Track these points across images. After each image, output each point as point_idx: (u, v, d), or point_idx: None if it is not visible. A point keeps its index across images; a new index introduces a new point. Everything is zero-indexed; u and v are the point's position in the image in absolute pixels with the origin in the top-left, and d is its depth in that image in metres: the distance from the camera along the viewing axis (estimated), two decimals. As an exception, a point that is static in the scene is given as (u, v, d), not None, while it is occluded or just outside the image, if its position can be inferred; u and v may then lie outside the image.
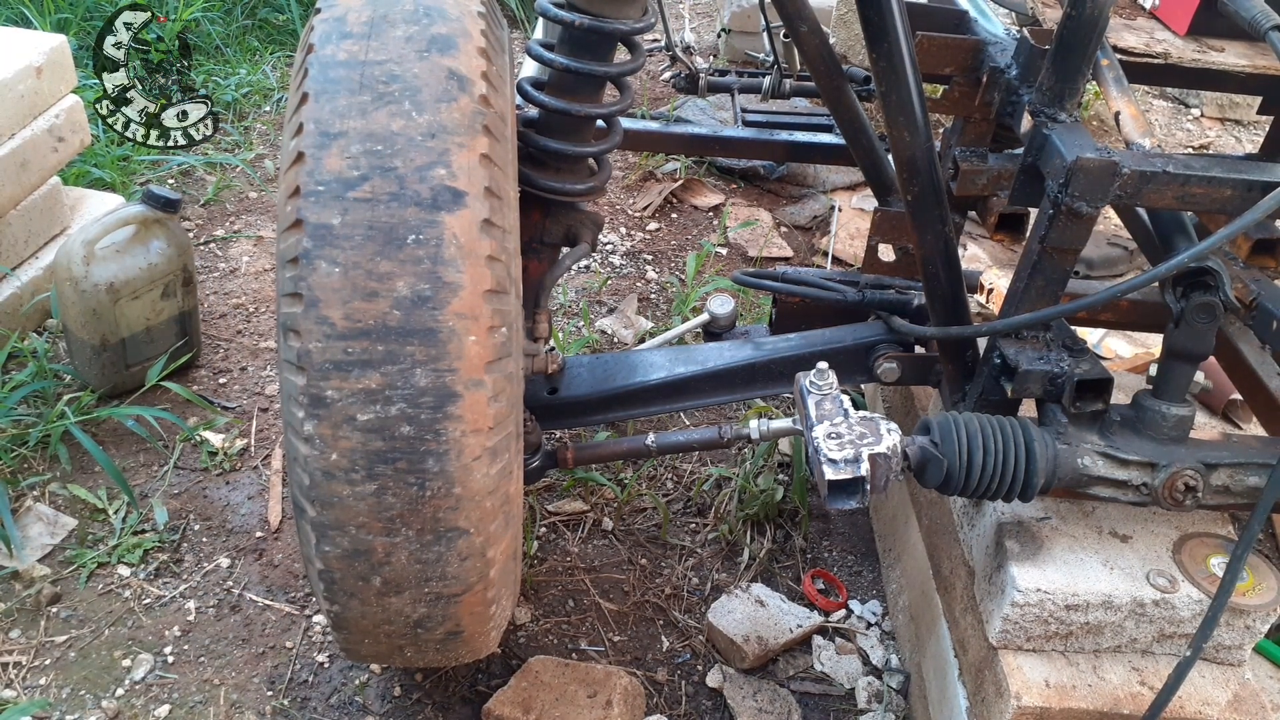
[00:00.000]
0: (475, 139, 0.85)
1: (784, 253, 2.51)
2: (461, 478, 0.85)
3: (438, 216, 0.82)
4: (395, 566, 0.87)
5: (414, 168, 0.83)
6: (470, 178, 0.84)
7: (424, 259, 0.82)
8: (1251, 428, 1.57)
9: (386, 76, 0.84)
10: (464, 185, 0.84)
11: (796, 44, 1.32)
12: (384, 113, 0.83)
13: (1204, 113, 3.50)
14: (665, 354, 1.45)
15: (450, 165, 0.84)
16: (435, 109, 0.84)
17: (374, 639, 0.94)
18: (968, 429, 1.11)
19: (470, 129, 0.85)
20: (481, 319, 0.84)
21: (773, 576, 1.65)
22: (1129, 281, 1.02)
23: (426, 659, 0.98)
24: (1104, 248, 2.36)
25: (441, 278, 0.82)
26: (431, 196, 0.83)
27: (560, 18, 1.11)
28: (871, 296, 1.44)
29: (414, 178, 0.83)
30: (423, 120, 0.84)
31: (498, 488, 0.89)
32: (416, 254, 0.81)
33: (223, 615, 1.51)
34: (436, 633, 0.93)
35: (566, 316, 2.23)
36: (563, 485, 1.78)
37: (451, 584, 0.89)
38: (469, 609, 0.92)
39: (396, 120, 0.83)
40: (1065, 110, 1.12)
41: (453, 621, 0.92)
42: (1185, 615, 1.17)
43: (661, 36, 2.02)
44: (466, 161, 0.85)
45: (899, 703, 1.46)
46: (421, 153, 0.83)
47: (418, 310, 0.82)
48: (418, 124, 0.84)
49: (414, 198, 0.82)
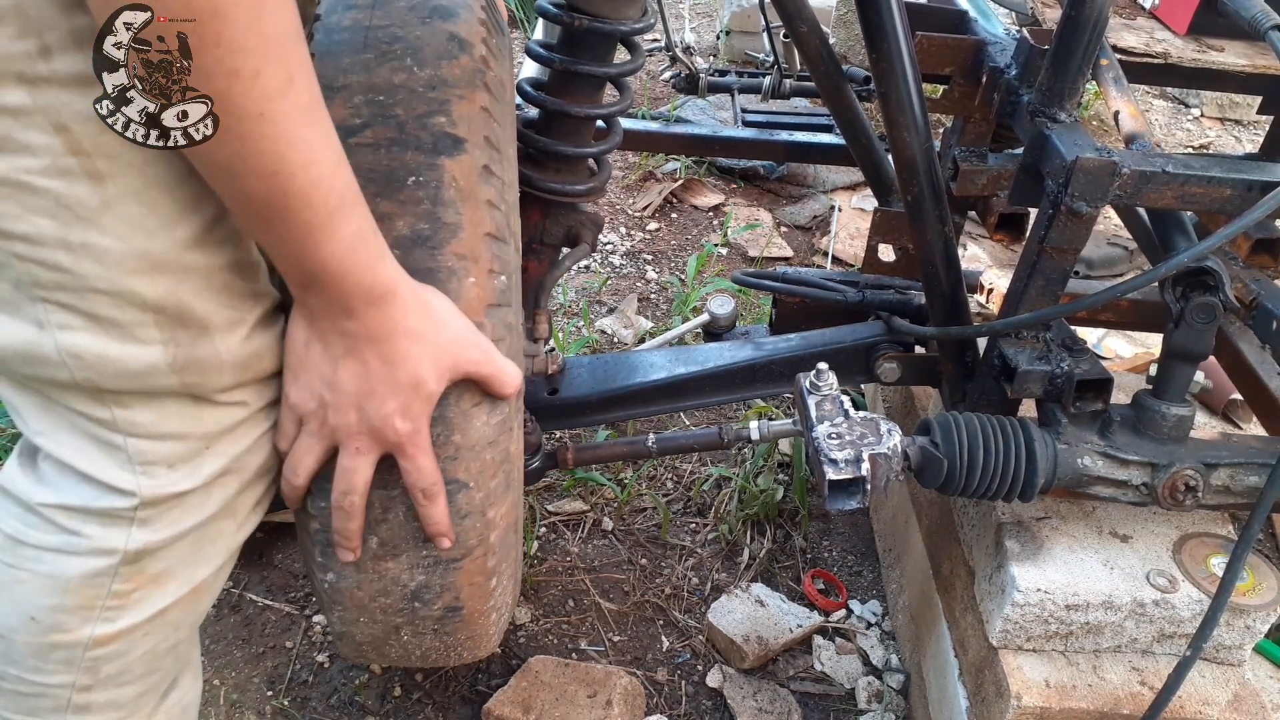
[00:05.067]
0: (475, 92, 0.87)
1: (784, 253, 2.51)
2: (460, 425, 0.84)
3: (437, 160, 0.84)
4: (392, 524, 0.86)
5: (414, 115, 0.84)
6: (470, 126, 0.86)
7: (423, 199, 0.83)
8: (1251, 428, 1.57)
9: (389, 38, 0.86)
10: (464, 133, 0.85)
11: (796, 44, 1.32)
12: (386, 68, 0.85)
13: (1204, 113, 3.50)
14: (665, 354, 1.45)
15: (450, 114, 0.85)
16: (436, 64, 0.86)
17: (369, 616, 0.91)
18: (968, 429, 1.11)
19: (470, 84, 0.87)
20: (481, 261, 0.84)
21: (773, 576, 1.65)
22: (1129, 281, 1.02)
23: (424, 645, 0.96)
24: (1104, 248, 2.36)
25: (441, 218, 0.83)
26: (432, 141, 0.84)
27: (560, 18, 1.11)
28: (871, 296, 1.44)
29: (414, 125, 0.84)
30: (424, 74, 0.86)
31: (498, 440, 0.88)
32: (416, 195, 0.83)
33: (223, 615, 1.51)
34: (435, 606, 0.91)
35: (566, 316, 2.23)
36: (563, 485, 1.78)
37: (450, 546, 0.88)
38: (469, 578, 0.90)
39: (399, 74, 0.85)
40: (1065, 110, 1.12)
41: (451, 594, 0.91)
42: (1185, 615, 1.17)
43: (661, 36, 2.02)
44: (466, 111, 0.86)
45: (899, 703, 1.46)
46: (422, 102, 0.85)
47: (417, 249, 0.82)
48: (419, 77, 0.85)
49: (414, 142, 0.84)
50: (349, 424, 0.77)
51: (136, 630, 0.78)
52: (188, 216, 0.70)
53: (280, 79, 0.63)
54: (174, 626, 0.81)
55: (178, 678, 0.88)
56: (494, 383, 0.82)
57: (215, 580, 0.83)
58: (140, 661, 0.80)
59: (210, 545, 0.80)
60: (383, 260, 0.74)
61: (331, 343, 0.76)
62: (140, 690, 0.82)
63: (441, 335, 0.78)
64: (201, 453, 0.76)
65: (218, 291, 0.73)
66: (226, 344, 0.74)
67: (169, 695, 0.87)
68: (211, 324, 0.73)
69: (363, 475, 0.79)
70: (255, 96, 0.62)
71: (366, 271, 0.73)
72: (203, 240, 0.71)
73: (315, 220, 0.68)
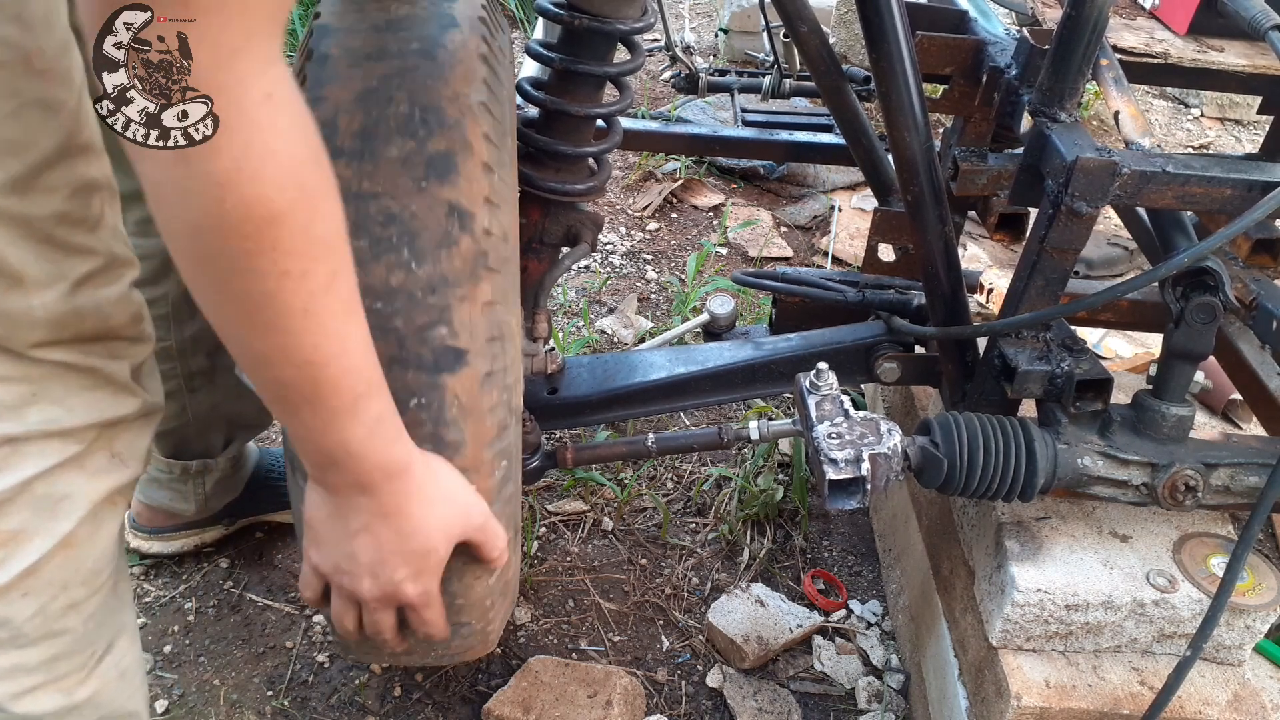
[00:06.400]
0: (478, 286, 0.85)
1: (784, 253, 2.51)
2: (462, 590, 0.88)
3: (439, 379, 0.83)
4: None
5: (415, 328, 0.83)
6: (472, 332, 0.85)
7: (425, 421, 0.82)
8: (1251, 428, 1.57)
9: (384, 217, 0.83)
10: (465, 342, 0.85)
11: (796, 44, 1.32)
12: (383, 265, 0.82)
13: (1204, 113, 3.50)
14: (665, 354, 1.45)
15: (452, 323, 0.85)
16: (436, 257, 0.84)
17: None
18: (968, 429, 1.11)
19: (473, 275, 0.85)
20: (483, 469, 0.87)
21: (773, 576, 1.65)
22: (1129, 281, 1.02)
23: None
24: (1104, 248, 2.36)
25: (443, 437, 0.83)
26: (433, 359, 0.83)
27: (560, 17, 1.11)
28: (871, 296, 1.44)
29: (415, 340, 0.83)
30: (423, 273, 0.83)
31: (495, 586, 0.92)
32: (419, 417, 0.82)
33: (223, 615, 1.51)
34: None
35: (566, 316, 2.23)
36: (563, 485, 1.78)
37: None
38: None
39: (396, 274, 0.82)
40: (1065, 110, 1.12)
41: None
42: (1185, 615, 1.17)
43: (661, 36, 2.02)
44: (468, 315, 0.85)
45: (899, 703, 1.46)
46: (422, 311, 0.84)
47: None
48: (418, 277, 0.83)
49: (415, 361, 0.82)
50: (365, 590, 0.82)
51: (12, 590, 0.76)
52: (5, 160, 0.67)
53: (325, 276, 0.65)
54: (60, 585, 0.79)
55: (112, 642, 0.86)
56: (486, 548, 0.86)
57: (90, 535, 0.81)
58: (33, 624, 0.78)
59: (65, 498, 0.78)
60: (400, 440, 0.77)
61: (348, 518, 0.78)
62: (50, 654, 0.80)
63: (450, 506, 0.82)
64: (29, 400, 0.74)
65: (37, 243, 0.70)
66: (41, 299, 0.72)
67: (104, 659, 0.85)
68: (25, 276, 0.70)
69: (387, 623, 0.85)
70: (302, 294, 0.64)
71: (384, 452, 0.75)
72: (24, 186, 0.69)
73: (341, 406, 0.70)
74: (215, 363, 1.39)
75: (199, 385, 1.40)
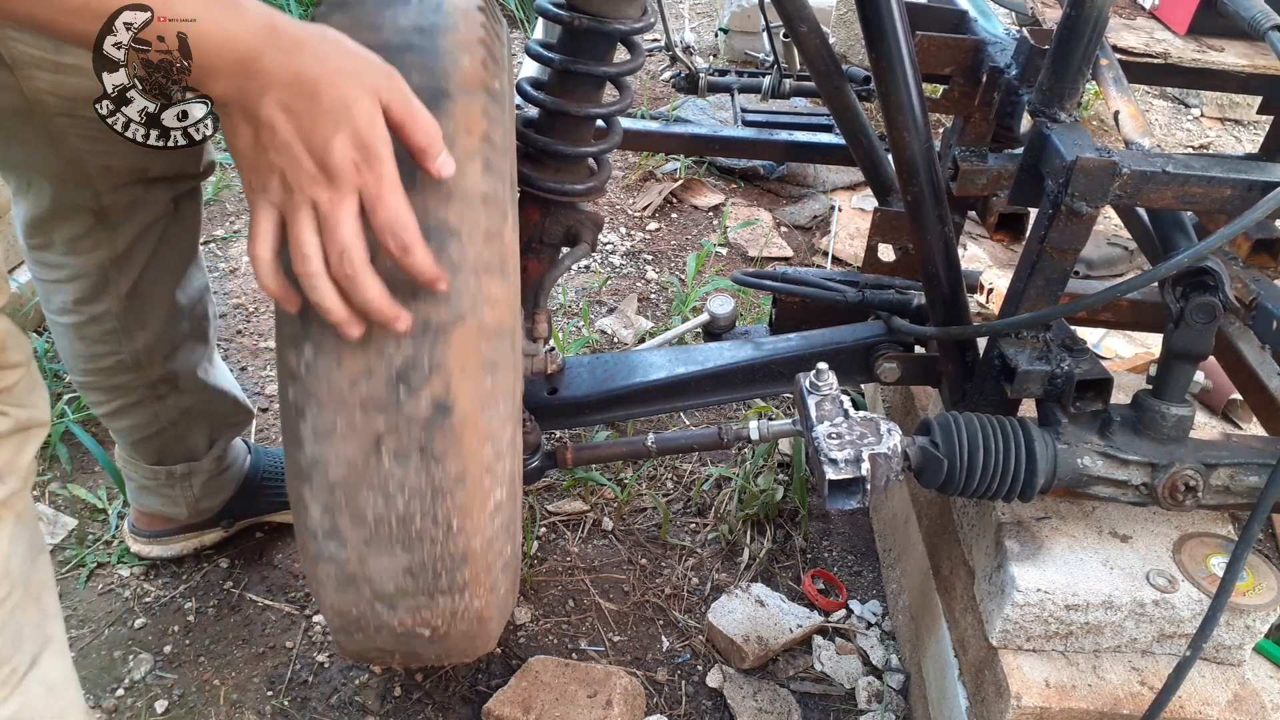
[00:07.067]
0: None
1: (784, 253, 2.51)
2: None
3: None
4: None
5: None
6: None
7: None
8: (1251, 428, 1.57)
9: None
10: None
11: (796, 44, 1.32)
12: None
13: (1204, 113, 3.50)
14: (665, 354, 1.45)
15: None
16: None
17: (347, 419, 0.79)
18: (968, 429, 1.11)
19: None
20: None
21: (773, 576, 1.65)
22: (1129, 281, 1.02)
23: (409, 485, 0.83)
24: (1104, 248, 2.36)
25: None
26: None
27: (560, 17, 1.11)
28: (871, 296, 1.44)
29: None
30: None
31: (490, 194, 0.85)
32: None
33: (223, 615, 1.51)
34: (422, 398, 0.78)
35: (566, 316, 2.23)
36: (563, 485, 1.78)
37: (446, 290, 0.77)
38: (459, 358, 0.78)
39: None
40: (1065, 110, 1.12)
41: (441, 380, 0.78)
42: (1185, 615, 1.17)
43: (661, 36, 2.02)
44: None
45: (899, 703, 1.46)
46: None
47: None
48: None
49: None
50: (303, 174, 0.70)
51: None
52: None
53: None
54: None
55: (37, 656, 0.83)
56: (411, 124, 0.72)
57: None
58: None
59: None
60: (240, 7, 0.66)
61: (254, 114, 0.68)
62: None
63: (351, 59, 0.71)
64: None
65: None
66: None
67: (28, 675, 0.83)
68: None
69: (347, 226, 0.71)
70: None
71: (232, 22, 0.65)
72: None
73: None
74: (175, 368, 1.37)
75: (165, 392, 1.38)
